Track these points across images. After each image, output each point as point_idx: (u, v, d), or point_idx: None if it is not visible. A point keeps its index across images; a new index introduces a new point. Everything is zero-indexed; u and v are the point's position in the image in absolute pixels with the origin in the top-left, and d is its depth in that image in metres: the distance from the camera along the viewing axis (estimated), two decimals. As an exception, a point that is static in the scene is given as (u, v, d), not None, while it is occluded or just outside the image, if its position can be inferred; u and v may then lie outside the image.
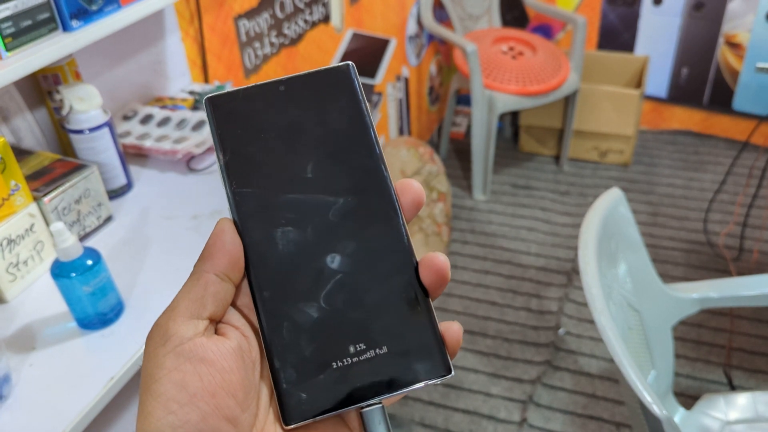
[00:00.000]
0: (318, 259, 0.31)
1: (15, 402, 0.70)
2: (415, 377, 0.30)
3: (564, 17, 2.35)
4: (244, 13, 1.42)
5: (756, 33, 2.37)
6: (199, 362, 0.28)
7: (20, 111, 0.96)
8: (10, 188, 0.80)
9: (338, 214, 0.31)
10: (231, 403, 0.28)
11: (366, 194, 0.32)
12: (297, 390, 0.29)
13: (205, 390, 0.27)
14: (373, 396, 0.29)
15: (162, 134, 1.09)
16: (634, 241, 1.05)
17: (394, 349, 0.30)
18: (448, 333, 0.31)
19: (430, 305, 0.31)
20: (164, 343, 0.28)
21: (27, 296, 0.83)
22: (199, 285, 0.29)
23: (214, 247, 0.30)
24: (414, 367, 0.30)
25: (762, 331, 1.77)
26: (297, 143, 0.32)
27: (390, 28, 2.18)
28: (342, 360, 0.30)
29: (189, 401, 0.27)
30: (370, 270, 0.31)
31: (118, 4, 0.84)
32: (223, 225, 0.31)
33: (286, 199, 0.31)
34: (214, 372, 0.28)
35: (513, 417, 1.58)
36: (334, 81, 0.34)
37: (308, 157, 0.32)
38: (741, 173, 2.40)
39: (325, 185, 0.32)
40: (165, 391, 0.27)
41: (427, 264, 0.31)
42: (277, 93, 0.33)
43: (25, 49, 0.74)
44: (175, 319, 0.29)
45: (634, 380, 0.81)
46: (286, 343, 0.30)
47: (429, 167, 2.03)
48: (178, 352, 0.28)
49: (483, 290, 1.98)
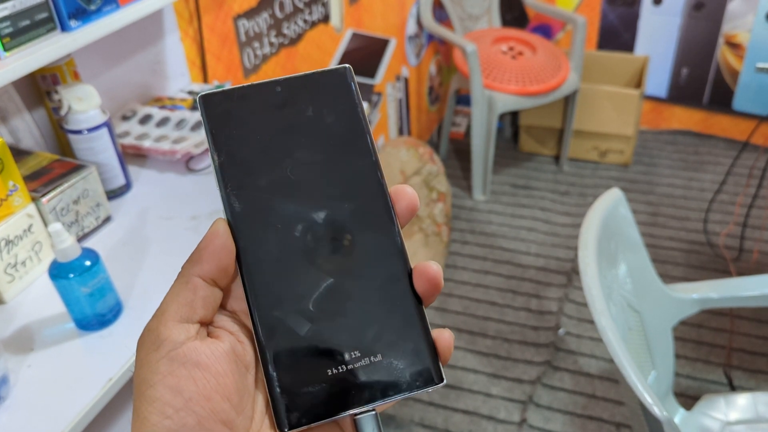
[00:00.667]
0: (313, 264, 0.31)
1: (13, 403, 0.70)
2: (408, 385, 0.30)
3: (564, 17, 2.35)
4: (243, 13, 1.42)
5: (756, 33, 2.37)
6: (193, 366, 0.28)
7: (18, 111, 0.96)
8: (8, 189, 0.80)
9: (333, 220, 0.31)
10: (226, 407, 0.28)
11: (361, 200, 0.32)
12: (291, 396, 0.29)
13: (200, 394, 0.27)
14: (366, 403, 0.29)
15: (161, 134, 1.09)
16: (634, 241, 1.05)
17: (388, 357, 0.30)
18: (439, 341, 0.31)
19: (424, 314, 0.31)
20: (157, 348, 0.28)
21: (25, 297, 0.83)
22: (188, 288, 0.29)
23: (205, 251, 0.30)
24: (407, 376, 0.30)
25: (762, 331, 1.77)
26: (292, 146, 0.32)
27: (390, 28, 2.18)
28: (336, 367, 0.30)
29: (184, 406, 0.27)
30: (365, 277, 0.31)
31: (116, 4, 0.84)
32: (217, 227, 0.30)
33: (281, 203, 0.31)
34: (209, 376, 0.28)
35: (513, 417, 1.58)
36: (331, 83, 0.33)
37: (304, 160, 0.32)
38: (741, 173, 2.40)
39: (320, 190, 0.32)
40: (160, 396, 0.27)
41: (420, 273, 0.31)
42: (274, 94, 0.33)
43: (23, 49, 0.74)
44: (165, 323, 0.28)
45: (634, 381, 0.80)
46: (280, 349, 0.29)
47: (429, 167, 2.03)
48: (171, 356, 0.28)
49: (483, 290, 1.98)
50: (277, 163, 0.32)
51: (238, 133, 0.32)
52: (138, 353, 0.29)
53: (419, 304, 0.31)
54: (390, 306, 0.31)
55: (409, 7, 2.30)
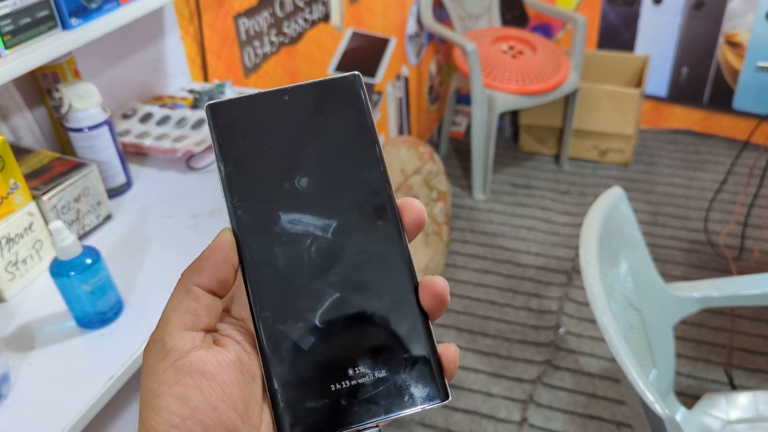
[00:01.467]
0: (319, 278, 0.30)
1: (14, 401, 0.70)
2: (413, 402, 0.30)
3: (564, 16, 2.34)
4: (243, 12, 1.42)
5: (756, 32, 2.37)
6: (200, 376, 0.28)
7: (19, 109, 0.96)
8: (9, 187, 0.80)
9: (340, 232, 0.31)
10: (232, 416, 0.28)
11: (369, 213, 0.31)
12: (295, 411, 0.29)
13: (206, 403, 0.27)
14: (370, 419, 0.29)
15: (161, 133, 1.09)
16: (635, 240, 1.05)
17: (393, 373, 0.30)
18: (444, 355, 0.31)
19: (430, 329, 0.31)
20: (163, 358, 0.28)
21: (26, 295, 0.83)
22: (190, 297, 0.29)
23: (207, 262, 0.30)
24: (412, 392, 0.30)
25: (763, 330, 1.77)
26: (300, 157, 0.32)
27: (390, 27, 2.18)
28: (340, 382, 0.29)
29: (191, 415, 0.27)
30: (371, 291, 0.31)
31: (117, 2, 0.84)
32: (222, 238, 0.30)
33: (287, 215, 0.31)
34: (215, 385, 0.28)
35: (513, 417, 1.58)
36: (340, 92, 0.33)
37: (311, 171, 0.31)
38: (741, 173, 2.40)
39: (328, 202, 0.31)
40: (167, 406, 0.27)
41: (426, 288, 0.31)
42: (281, 103, 0.32)
43: (24, 47, 0.74)
44: (170, 332, 0.29)
45: (636, 380, 0.80)
46: (284, 363, 0.29)
47: (429, 166, 2.03)
48: (178, 366, 0.28)
49: (483, 290, 1.97)
50: (284, 173, 0.31)
51: (245, 143, 0.31)
52: (144, 363, 0.29)
53: (426, 319, 0.31)
54: (396, 321, 0.31)
55: (409, 6, 2.30)
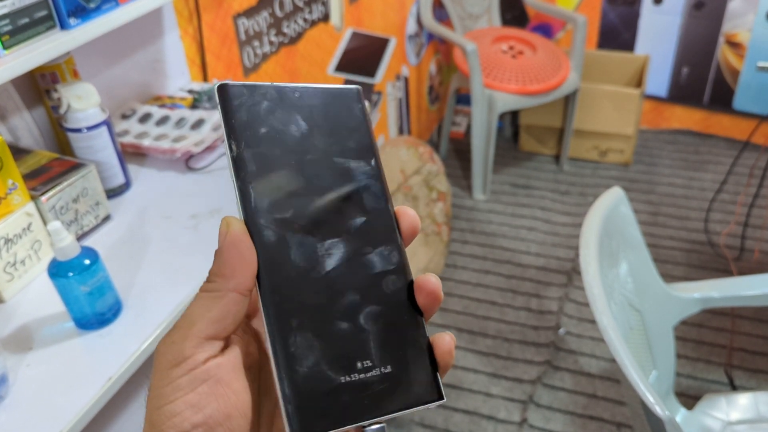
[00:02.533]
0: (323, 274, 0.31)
1: (12, 402, 0.69)
2: (410, 401, 0.30)
3: (564, 16, 2.34)
4: (243, 12, 1.41)
5: (756, 32, 2.36)
6: (215, 384, 0.28)
7: (18, 109, 0.96)
8: (7, 187, 0.79)
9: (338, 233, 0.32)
10: (243, 423, 0.28)
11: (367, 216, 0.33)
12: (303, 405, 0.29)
13: (220, 411, 0.28)
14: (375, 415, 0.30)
15: (160, 133, 1.09)
16: (635, 240, 1.05)
17: (395, 371, 0.30)
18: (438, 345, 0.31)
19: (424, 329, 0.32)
20: (179, 364, 0.28)
21: (24, 296, 0.82)
22: (221, 305, 0.29)
23: (237, 262, 0.29)
24: (410, 391, 0.30)
25: (763, 331, 1.77)
26: (306, 153, 0.33)
27: (390, 27, 2.17)
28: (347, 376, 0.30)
29: (203, 422, 0.27)
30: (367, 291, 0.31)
31: (116, 2, 0.84)
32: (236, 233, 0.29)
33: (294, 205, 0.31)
34: (229, 393, 0.28)
35: (513, 417, 1.58)
36: (344, 101, 0.35)
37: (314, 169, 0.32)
38: (742, 173, 2.40)
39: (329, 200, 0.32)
40: (180, 412, 0.27)
41: (420, 287, 0.32)
42: (292, 98, 0.33)
43: (22, 47, 0.74)
44: (191, 339, 0.28)
45: (636, 380, 0.80)
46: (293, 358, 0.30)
47: (429, 167, 2.03)
48: (194, 375, 0.28)
49: (483, 290, 1.97)
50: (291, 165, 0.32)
51: (257, 129, 0.32)
52: (157, 364, 0.28)
53: (421, 318, 0.32)
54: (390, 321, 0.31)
55: (409, 6, 2.30)
